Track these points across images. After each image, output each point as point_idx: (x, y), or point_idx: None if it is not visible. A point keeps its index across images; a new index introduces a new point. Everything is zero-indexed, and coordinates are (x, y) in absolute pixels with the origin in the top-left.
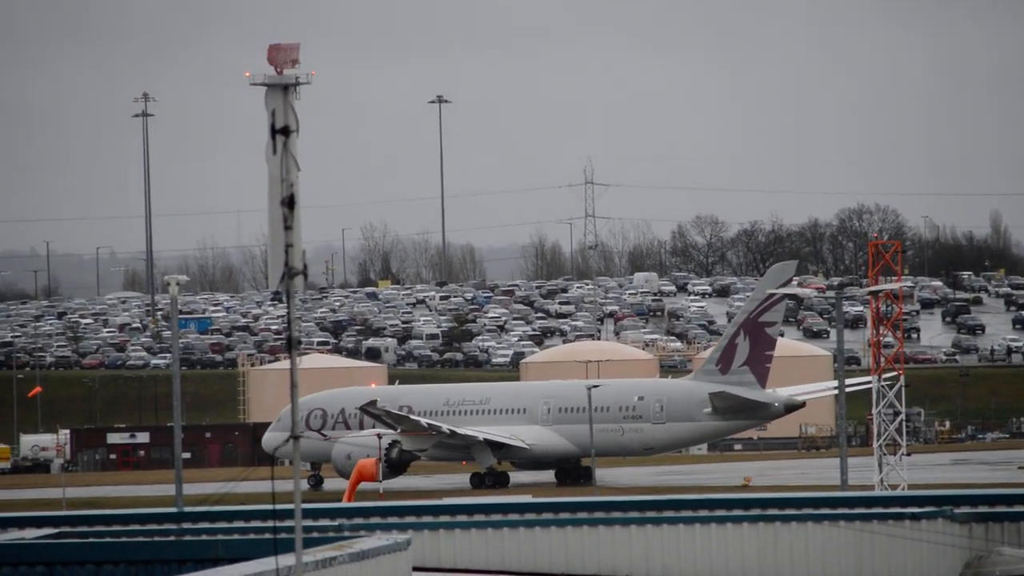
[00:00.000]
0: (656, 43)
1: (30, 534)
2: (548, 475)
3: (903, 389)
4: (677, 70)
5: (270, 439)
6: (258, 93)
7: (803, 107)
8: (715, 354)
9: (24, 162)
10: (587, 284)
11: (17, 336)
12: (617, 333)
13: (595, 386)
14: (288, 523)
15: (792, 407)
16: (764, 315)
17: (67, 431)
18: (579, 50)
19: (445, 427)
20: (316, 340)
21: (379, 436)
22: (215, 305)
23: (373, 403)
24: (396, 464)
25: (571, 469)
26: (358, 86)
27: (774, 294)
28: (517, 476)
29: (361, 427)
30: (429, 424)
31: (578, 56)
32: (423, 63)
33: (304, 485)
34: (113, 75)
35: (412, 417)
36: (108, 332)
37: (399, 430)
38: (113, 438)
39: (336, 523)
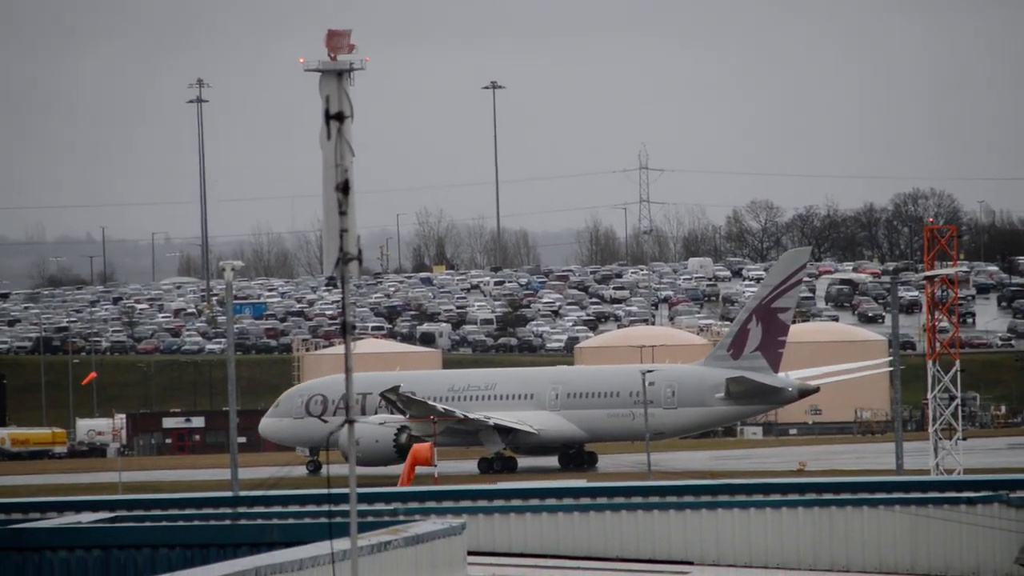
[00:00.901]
0: (711, 29)
1: (87, 518)
2: (552, 461)
3: (959, 374)
4: (733, 56)
5: (268, 424)
6: (313, 79)
7: (860, 91)
8: (726, 340)
9: (79, 149)
10: (641, 269)
11: (73, 321)
12: (671, 318)
13: (650, 371)
14: (343, 507)
15: (806, 392)
16: (777, 301)
17: (123, 416)
18: (634, 35)
19: (463, 413)
20: (371, 325)
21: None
22: (270, 290)
23: (395, 388)
24: (405, 449)
25: (574, 454)
26: (413, 72)
27: (788, 280)
28: (523, 461)
29: (363, 412)
30: (446, 410)
31: (633, 41)
32: (478, 49)
33: (303, 471)
34: (168, 61)
35: (431, 403)
36: (163, 317)
37: (407, 415)
38: (168, 423)
39: (391, 507)
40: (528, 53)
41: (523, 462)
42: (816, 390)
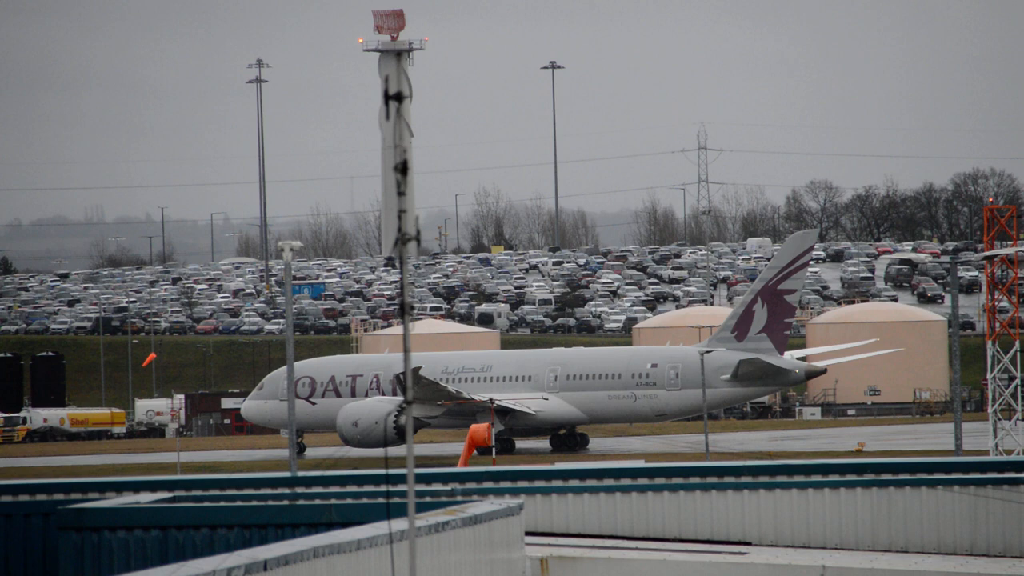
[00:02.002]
0: (770, 9)
1: (145, 498)
2: (544, 443)
3: (1019, 354)
4: (792, 35)
5: (251, 407)
6: (372, 59)
7: (918, 72)
8: (730, 321)
9: (139, 129)
10: (700, 249)
11: (132, 301)
12: (730, 298)
13: (707, 352)
14: (401, 487)
15: (813, 374)
16: (784, 283)
17: (181, 396)
18: (692, 15)
19: (481, 397)
20: (429, 306)
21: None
22: (328, 271)
23: (417, 370)
24: (403, 431)
25: (567, 436)
26: (472, 52)
27: (795, 262)
28: (519, 444)
29: (353, 394)
30: (457, 392)
31: (691, 21)
32: (536, 29)
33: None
34: (227, 42)
35: (450, 388)
36: (222, 297)
37: (401, 401)
38: (227, 403)
39: (449, 488)
40: (587, 33)
41: (519, 444)
42: (823, 371)
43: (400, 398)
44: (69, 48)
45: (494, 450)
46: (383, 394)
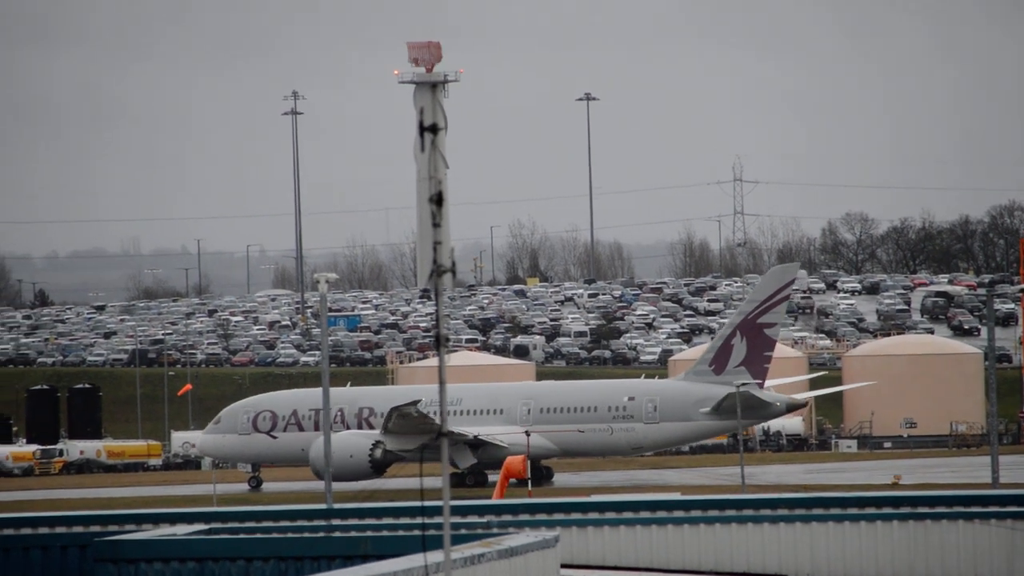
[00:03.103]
0: (806, 41)
1: (181, 530)
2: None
3: None
4: (828, 67)
5: (208, 440)
6: (407, 90)
7: (955, 104)
8: (708, 355)
9: (174, 161)
10: (736, 281)
11: (168, 333)
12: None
13: (743, 384)
14: (437, 520)
15: (794, 407)
16: (763, 316)
17: None
18: (728, 47)
19: (469, 433)
20: (464, 337)
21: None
22: (364, 302)
23: (415, 403)
24: (379, 464)
25: (533, 470)
26: (507, 83)
27: (775, 295)
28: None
29: (316, 428)
30: (442, 427)
31: (726, 53)
32: (571, 60)
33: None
34: (262, 74)
35: (438, 423)
36: (258, 329)
37: (380, 431)
38: None
39: (484, 520)
40: (623, 65)
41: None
42: (804, 405)
43: (374, 431)
44: (104, 81)
45: (530, 482)
46: (347, 428)
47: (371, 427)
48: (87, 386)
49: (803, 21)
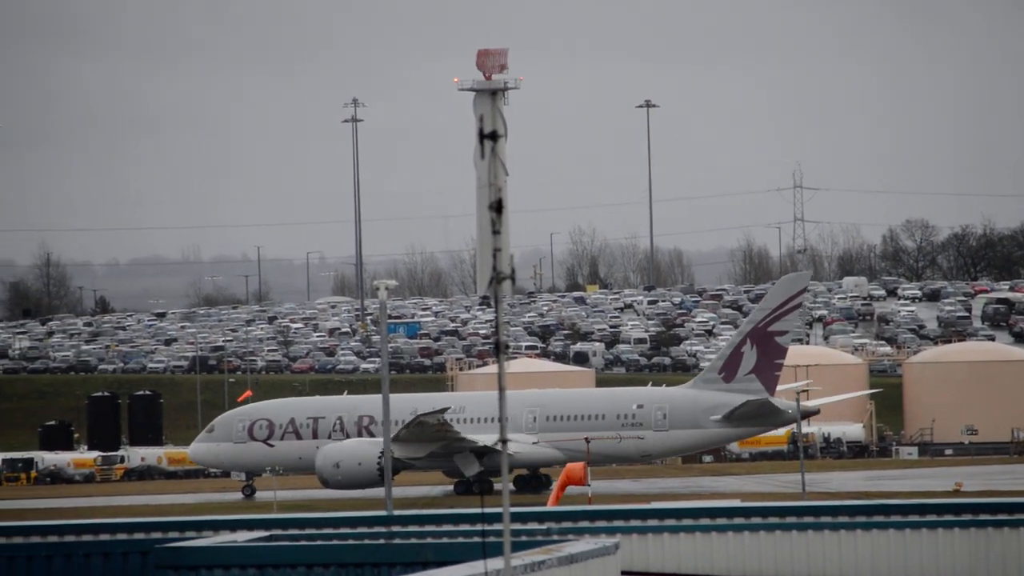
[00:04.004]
0: (867, 47)
1: (242, 536)
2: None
3: None
4: (889, 74)
5: (201, 449)
6: (467, 98)
7: (1019, 111)
8: (717, 363)
9: (235, 169)
10: None
11: (228, 340)
12: (826, 337)
13: (804, 389)
14: (497, 527)
15: (806, 414)
16: (774, 324)
17: None
18: (786, 53)
19: (479, 440)
20: (524, 344)
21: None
22: (424, 309)
23: (443, 411)
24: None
25: (529, 477)
26: (567, 91)
27: (786, 303)
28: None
29: (314, 437)
30: (460, 435)
31: (785, 59)
32: (631, 68)
33: (239, 495)
34: (323, 81)
35: (458, 431)
36: (318, 336)
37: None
38: None
39: (544, 527)
40: (682, 72)
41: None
42: (816, 412)
43: (377, 439)
44: (165, 90)
45: (590, 489)
46: (347, 436)
47: (371, 435)
48: (148, 393)
49: (868, 27)
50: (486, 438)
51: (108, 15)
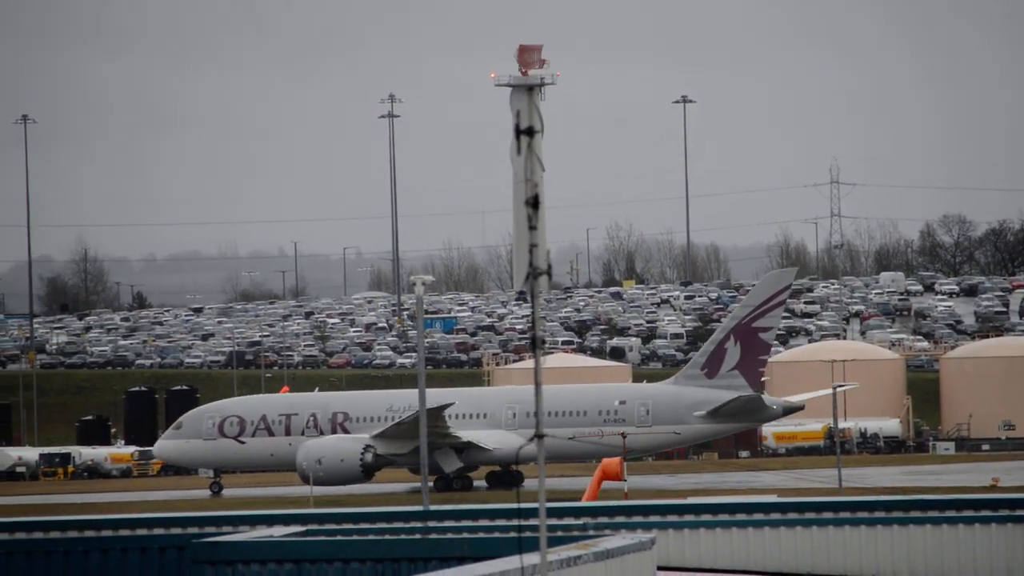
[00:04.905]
0: (902, 42)
1: (279, 532)
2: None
3: None
4: (924, 69)
5: (168, 446)
6: (504, 93)
7: None
8: (700, 359)
9: (272, 164)
10: (832, 283)
11: (265, 335)
12: (863, 333)
13: (842, 386)
14: (533, 522)
15: (790, 410)
16: (759, 320)
17: None
18: (823, 49)
19: (463, 436)
20: (560, 339)
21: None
22: (460, 305)
23: (446, 407)
24: (369, 468)
25: (503, 473)
26: (603, 86)
27: (771, 300)
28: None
29: (287, 433)
30: (449, 433)
31: (822, 54)
32: (667, 63)
33: (207, 492)
34: (359, 77)
35: (449, 428)
36: (355, 331)
37: (371, 435)
38: None
39: (580, 522)
40: (718, 68)
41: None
42: (801, 407)
43: (363, 435)
44: (202, 86)
45: (626, 484)
46: (322, 433)
47: (345, 431)
48: (185, 388)
49: (903, 22)
50: (469, 434)
51: (142, 12)
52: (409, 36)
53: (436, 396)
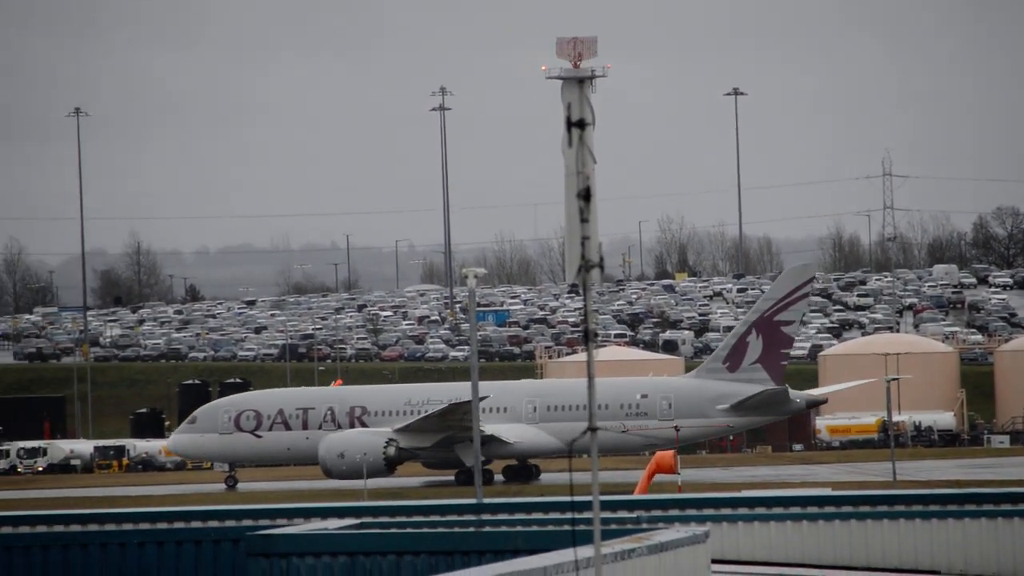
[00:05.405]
0: (953, 33)
1: (333, 524)
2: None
3: None
4: (976, 62)
5: (183, 440)
6: (555, 86)
7: None
8: (721, 352)
9: (323, 157)
10: (886, 276)
11: (318, 328)
12: (916, 326)
13: (894, 380)
14: (587, 515)
15: (813, 403)
16: (780, 314)
17: None
18: (875, 41)
19: (489, 431)
20: (613, 332)
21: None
22: (512, 298)
23: (482, 399)
24: (392, 462)
25: (519, 467)
26: (654, 78)
27: (793, 293)
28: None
29: (304, 427)
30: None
31: (874, 47)
32: (718, 55)
33: (223, 486)
34: (410, 70)
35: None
36: (407, 324)
37: (393, 428)
38: None
39: (634, 515)
40: (770, 60)
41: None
42: (824, 401)
43: (385, 429)
44: (254, 79)
45: (680, 477)
46: (339, 427)
47: (363, 425)
48: (238, 380)
49: (957, 13)
50: (492, 428)
51: (195, 7)
52: (461, 28)
53: (464, 390)
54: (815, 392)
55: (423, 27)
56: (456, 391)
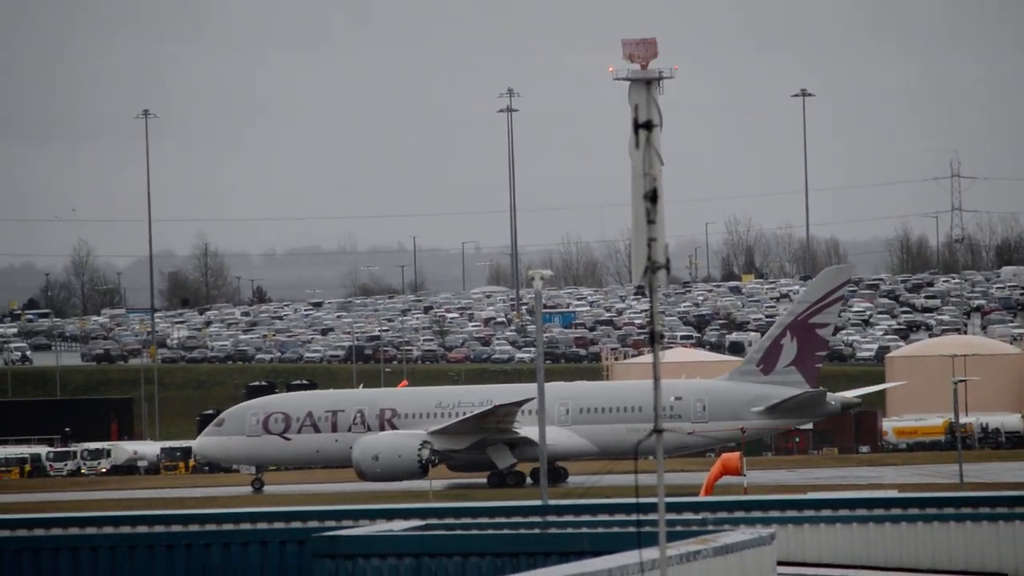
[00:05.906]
0: (1022, 32)
1: (398, 526)
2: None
3: None
4: None
5: (210, 443)
6: (622, 87)
7: None
8: (755, 355)
9: (390, 159)
10: (953, 278)
11: (384, 330)
12: (984, 327)
13: (961, 382)
14: (652, 516)
15: (848, 406)
16: (815, 317)
17: None
18: (943, 42)
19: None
20: (679, 334)
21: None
22: (579, 299)
23: (523, 402)
24: (426, 464)
25: (548, 470)
26: (722, 80)
27: (828, 296)
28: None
29: (333, 430)
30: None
31: (942, 48)
32: (786, 57)
33: (249, 489)
34: (477, 72)
35: (517, 424)
36: (473, 326)
37: (428, 430)
38: None
39: (699, 517)
40: (837, 61)
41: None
42: (859, 404)
43: (419, 431)
44: (322, 82)
45: (746, 479)
46: (369, 429)
47: (393, 427)
48: (305, 382)
49: (1019, 13)
50: (526, 430)
51: (260, 7)
52: (528, 30)
53: (480, 393)
54: (848, 394)
55: (491, 28)
56: (487, 394)
